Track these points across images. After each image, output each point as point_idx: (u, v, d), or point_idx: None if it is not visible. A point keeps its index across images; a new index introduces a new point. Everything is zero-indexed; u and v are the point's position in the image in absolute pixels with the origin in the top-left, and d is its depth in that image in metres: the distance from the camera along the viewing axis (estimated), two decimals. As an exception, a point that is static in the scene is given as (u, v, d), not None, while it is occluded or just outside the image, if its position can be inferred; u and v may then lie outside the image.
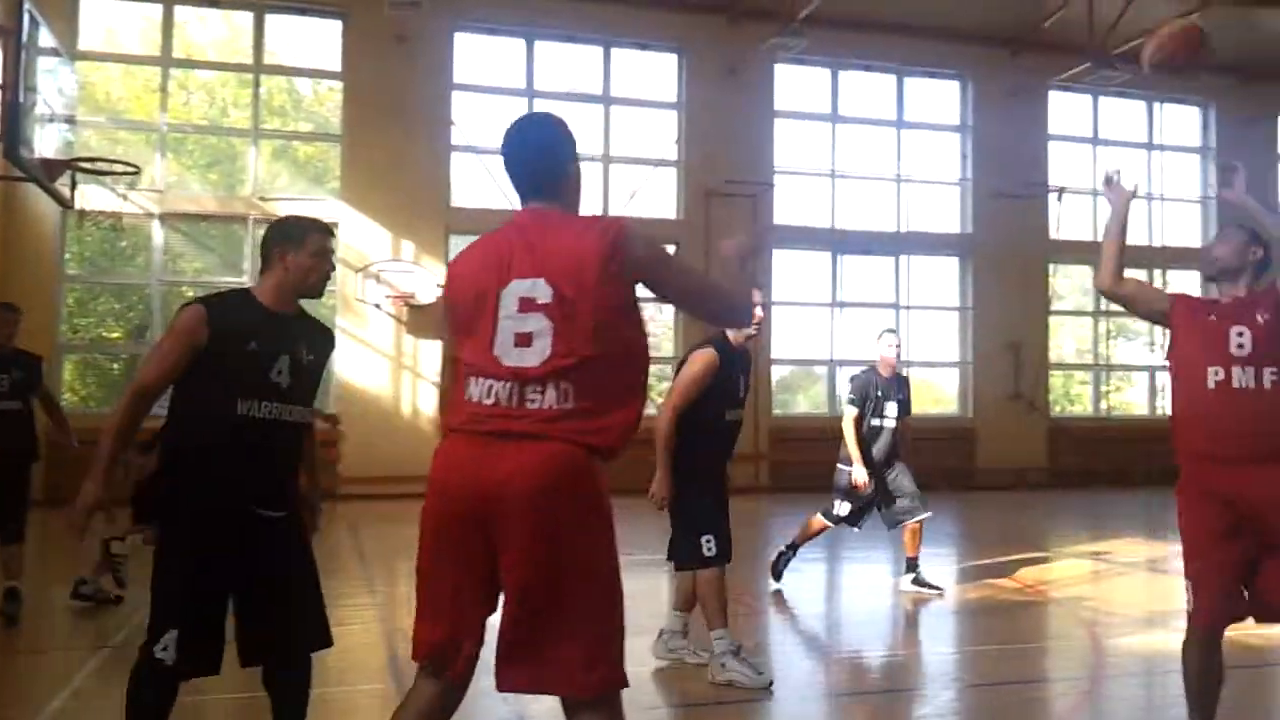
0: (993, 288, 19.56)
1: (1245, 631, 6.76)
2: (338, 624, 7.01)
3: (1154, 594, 8.76)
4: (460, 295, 2.94)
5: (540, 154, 3.09)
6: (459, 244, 17.66)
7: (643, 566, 9.84)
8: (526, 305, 2.79)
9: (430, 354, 16.46)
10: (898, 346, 8.40)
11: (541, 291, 2.79)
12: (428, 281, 16.21)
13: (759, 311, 5.71)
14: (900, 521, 8.20)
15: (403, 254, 16.58)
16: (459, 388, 2.89)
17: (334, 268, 3.97)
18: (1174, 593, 8.82)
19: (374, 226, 16.49)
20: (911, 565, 8.18)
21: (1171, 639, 6.64)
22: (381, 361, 16.30)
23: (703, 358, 5.48)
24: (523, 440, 2.72)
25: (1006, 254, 19.49)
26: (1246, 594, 3.93)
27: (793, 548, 8.36)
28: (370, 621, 7.21)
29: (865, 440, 8.08)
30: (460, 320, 2.93)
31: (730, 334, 5.69)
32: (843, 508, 8.11)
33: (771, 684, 5.34)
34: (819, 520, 8.31)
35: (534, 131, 3.14)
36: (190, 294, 16.72)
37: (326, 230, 3.96)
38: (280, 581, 3.71)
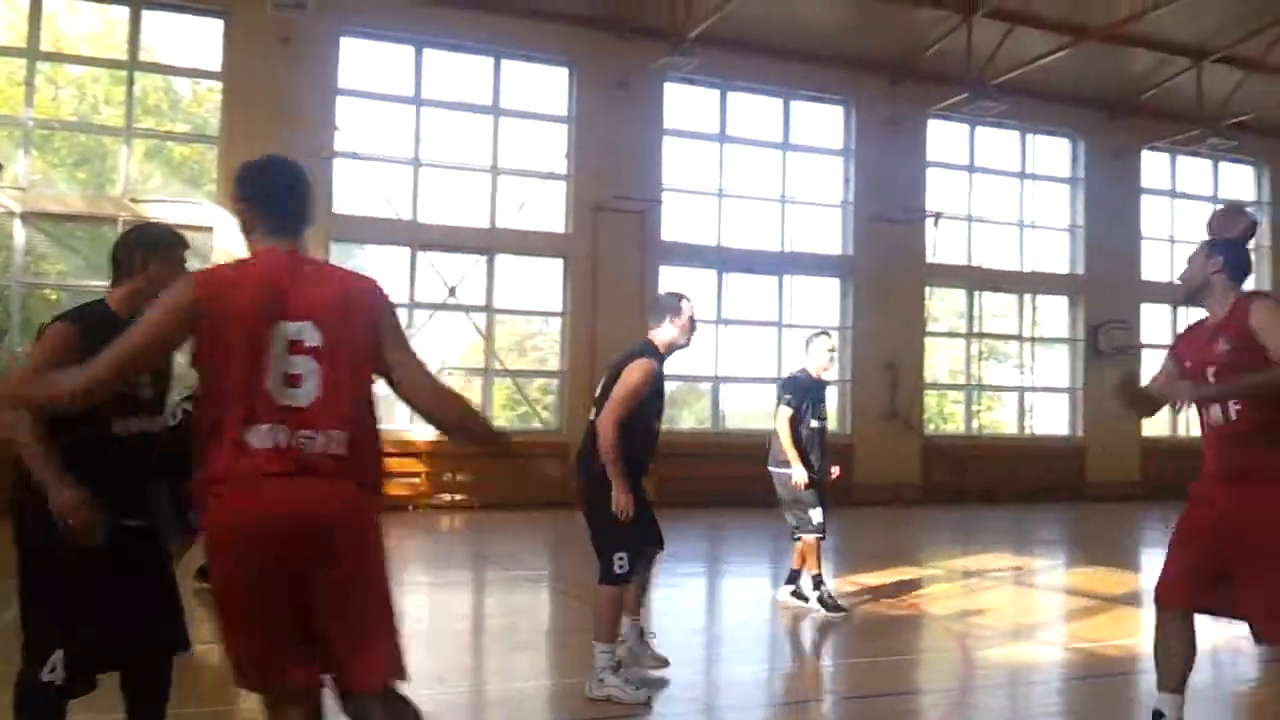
0: (871, 309, 20.02)
1: (1102, 643, 7.04)
2: (200, 641, 6.76)
3: (1021, 608, 9.04)
4: (232, 323, 2.88)
5: (306, 195, 3.20)
6: (340, 251, 17.30)
7: (521, 583, 9.76)
8: (295, 347, 2.88)
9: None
10: (833, 350, 8.42)
11: (310, 335, 2.89)
12: (308, 289, 15.82)
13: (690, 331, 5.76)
14: (796, 531, 8.13)
15: (282, 261, 16.15)
16: (225, 435, 2.84)
17: None
18: (1040, 606, 9.15)
19: (252, 232, 16.02)
20: (794, 577, 8.20)
21: (1036, 651, 6.89)
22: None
23: (643, 367, 5.50)
24: (302, 478, 2.84)
25: (885, 276, 19.98)
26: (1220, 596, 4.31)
27: (818, 580, 8.11)
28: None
29: (804, 442, 8.04)
30: (224, 348, 2.87)
31: (660, 341, 5.71)
32: (815, 513, 7.94)
33: (650, 700, 5.34)
34: (808, 540, 8.03)
35: (298, 172, 3.24)
36: (54, 297, 16.01)
37: (185, 241, 3.87)
38: (143, 586, 3.61)
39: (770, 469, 8.17)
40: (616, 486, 5.39)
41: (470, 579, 9.94)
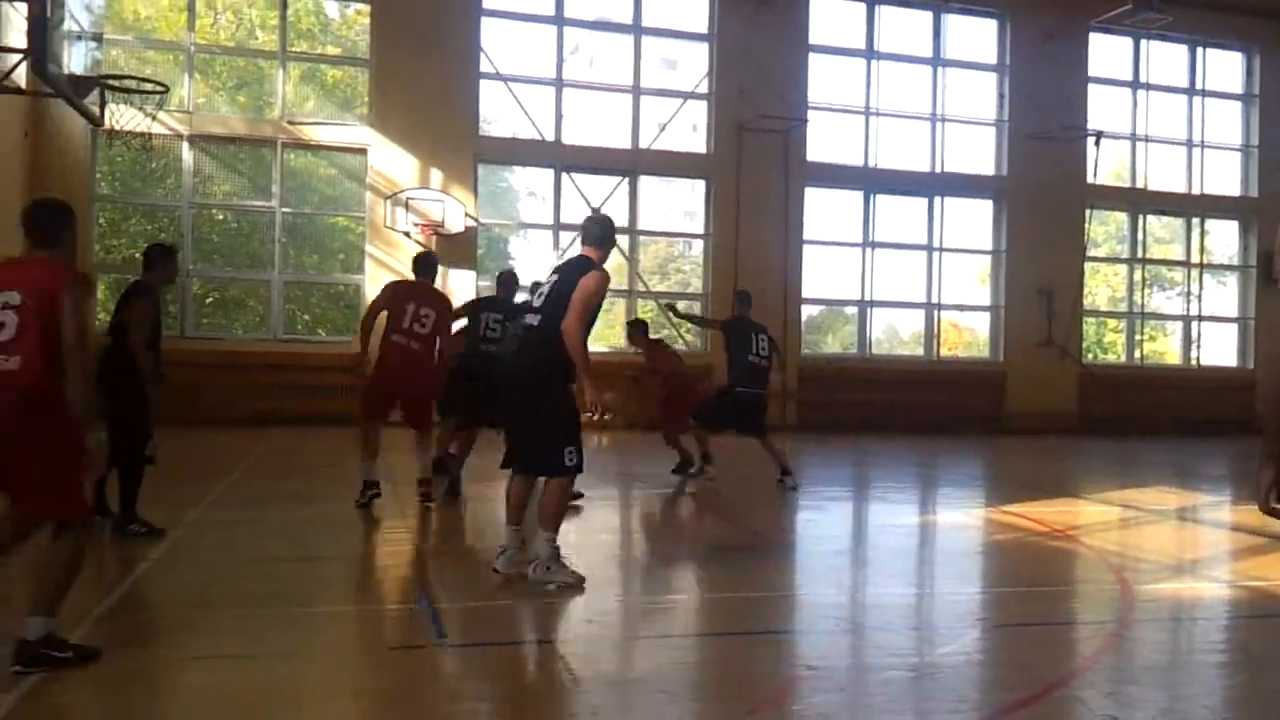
0: (1026, 232, 19.30)
1: (1273, 582, 6.71)
2: (380, 544, 7.06)
3: (1184, 543, 8.68)
4: None
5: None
6: (487, 174, 17.52)
7: (668, 500, 9.83)
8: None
9: (464, 283, 16.39)
10: None
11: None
12: (457, 211, 16.11)
13: None
14: None
15: (432, 182, 16.46)
16: None
17: None
18: (1205, 542, 8.76)
19: (402, 154, 16.36)
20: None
21: (1200, 587, 6.60)
22: (409, 290, 16.24)
23: (598, 277, 5.76)
24: None
25: (1042, 198, 19.19)
26: None
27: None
28: (403, 543, 7.25)
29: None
30: None
31: (597, 260, 5.92)
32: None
33: (584, 581, 5.69)
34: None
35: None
36: (220, 217, 16.72)
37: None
38: None
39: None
40: (588, 384, 5.67)
41: (617, 495, 10.09)
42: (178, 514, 7.44)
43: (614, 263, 18.88)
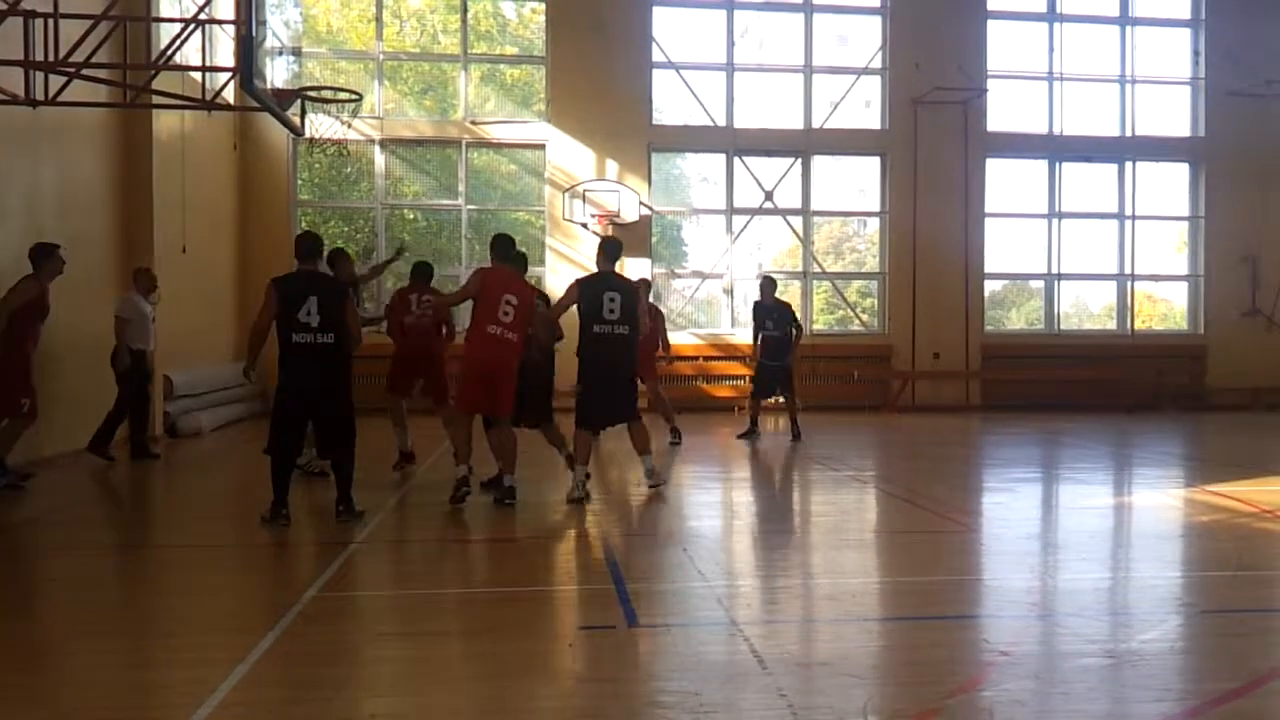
0: (1228, 195, 18.22)
1: None
2: (563, 525, 7.33)
3: None
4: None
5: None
6: (661, 162, 17.73)
7: (848, 482, 9.80)
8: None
9: (639, 270, 16.67)
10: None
11: None
12: (631, 201, 16.39)
13: None
14: None
15: (607, 173, 16.80)
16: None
17: None
18: None
19: (579, 147, 16.75)
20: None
21: None
22: (587, 279, 16.60)
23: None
24: None
25: (1244, 159, 18.07)
26: None
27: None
28: (590, 525, 7.51)
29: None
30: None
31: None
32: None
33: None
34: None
35: None
36: (411, 217, 17.49)
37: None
38: None
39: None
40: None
41: (797, 478, 10.14)
42: (379, 498, 7.95)
43: (789, 245, 18.83)
